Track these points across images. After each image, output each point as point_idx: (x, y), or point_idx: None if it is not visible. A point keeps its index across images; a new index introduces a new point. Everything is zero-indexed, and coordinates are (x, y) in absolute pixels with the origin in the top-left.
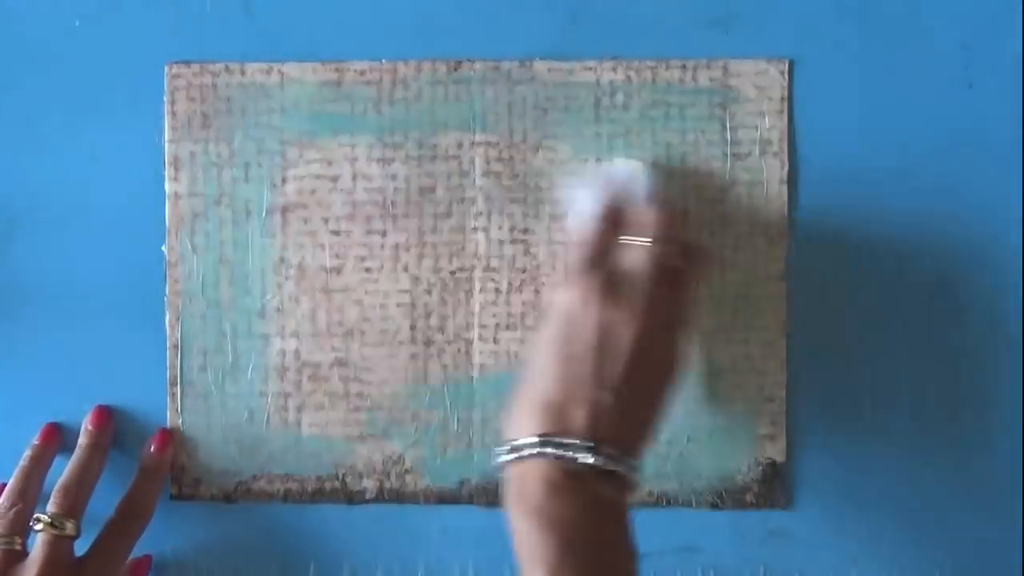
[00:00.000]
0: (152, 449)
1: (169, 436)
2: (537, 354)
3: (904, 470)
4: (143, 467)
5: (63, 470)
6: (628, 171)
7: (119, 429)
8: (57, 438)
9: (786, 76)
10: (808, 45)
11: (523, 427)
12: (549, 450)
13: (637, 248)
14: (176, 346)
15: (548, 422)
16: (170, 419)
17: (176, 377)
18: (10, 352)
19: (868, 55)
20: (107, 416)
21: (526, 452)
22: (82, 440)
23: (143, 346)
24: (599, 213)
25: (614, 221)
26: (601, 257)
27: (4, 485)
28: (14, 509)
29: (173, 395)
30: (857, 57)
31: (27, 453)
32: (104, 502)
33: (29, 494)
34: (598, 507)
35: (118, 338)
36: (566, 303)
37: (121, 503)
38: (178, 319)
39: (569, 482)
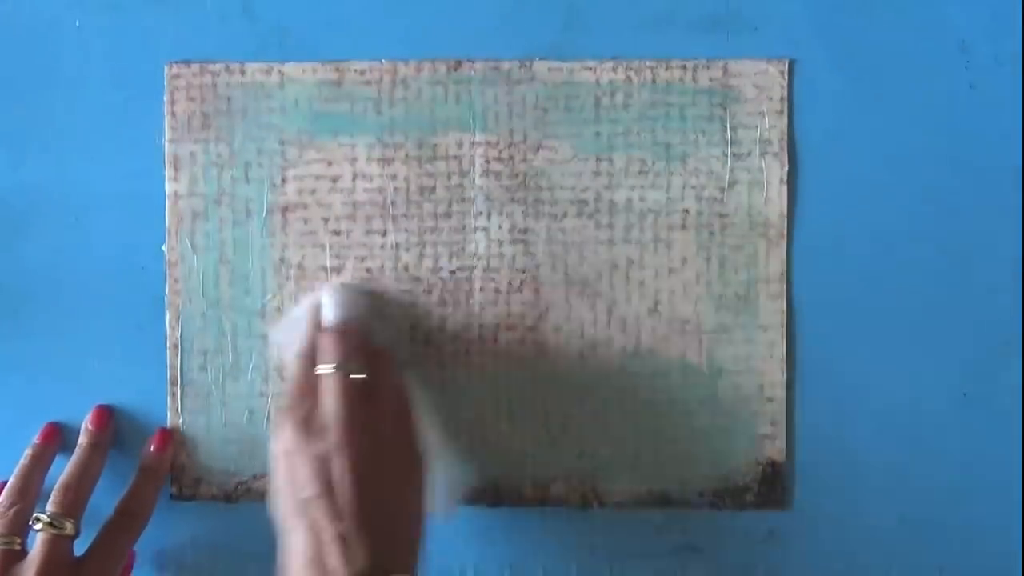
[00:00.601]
0: (151, 449)
1: (168, 436)
2: (279, 513)
3: (904, 470)
4: (142, 467)
5: (63, 469)
6: (317, 300)
7: (119, 429)
8: (57, 438)
9: (786, 76)
10: (808, 45)
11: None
12: None
13: (327, 376)
14: (176, 346)
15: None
16: (170, 419)
17: (176, 377)
18: (10, 351)
19: (868, 55)
20: (107, 415)
21: None
22: (82, 440)
23: (143, 346)
24: (298, 351)
25: (310, 355)
26: (303, 395)
27: (4, 484)
28: (14, 508)
29: (173, 395)
30: (857, 57)
31: (27, 452)
32: (104, 501)
33: (29, 494)
34: None
35: (118, 338)
36: (279, 451)
37: (120, 503)
38: (178, 319)
39: None
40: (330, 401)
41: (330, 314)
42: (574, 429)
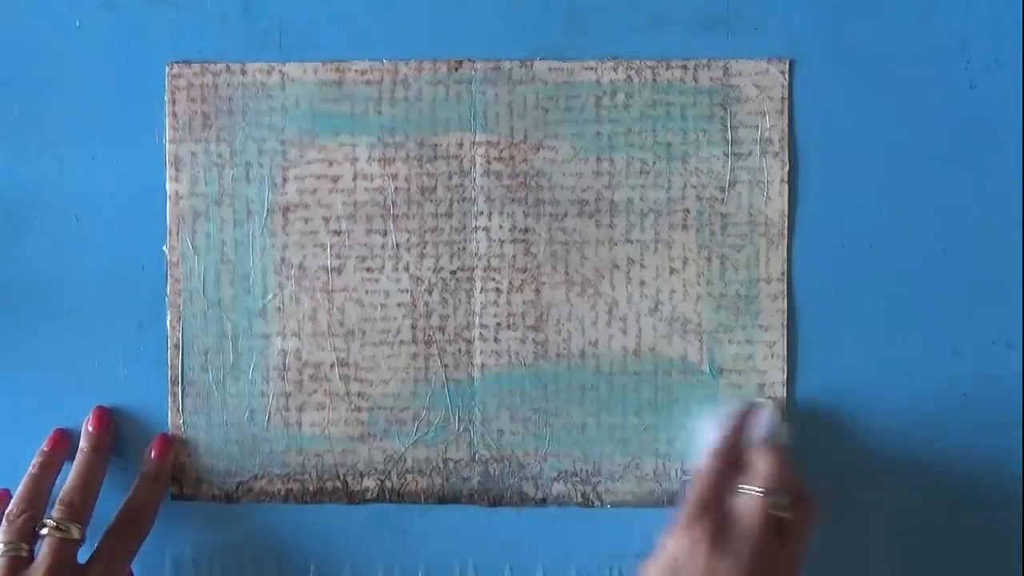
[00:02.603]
0: (152, 455)
1: (168, 442)
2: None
3: (904, 470)
4: (143, 473)
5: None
6: (755, 410)
7: (120, 429)
8: (66, 444)
9: (787, 76)
10: (808, 45)
11: None
12: None
13: (749, 496)
14: (177, 346)
15: None
16: (171, 419)
17: (177, 377)
18: (11, 351)
19: (868, 55)
20: (107, 417)
21: None
22: (83, 444)
23: (143, 346)
24: (717, 451)
25: (731, 461)
26: (714, 501)
27: (6, 491)
28: (23, 516)
29: (174, 395)
30: (857, 57)
31: (36, 460)
32: (106, 507)
33: (38, 501)
34: None
35: (119, 338)
36: (675, 548)
37: (122, 509)
38: (179, 319)
39: None
40: (747, 524)
41: (765, 428)
42: (574, 429)
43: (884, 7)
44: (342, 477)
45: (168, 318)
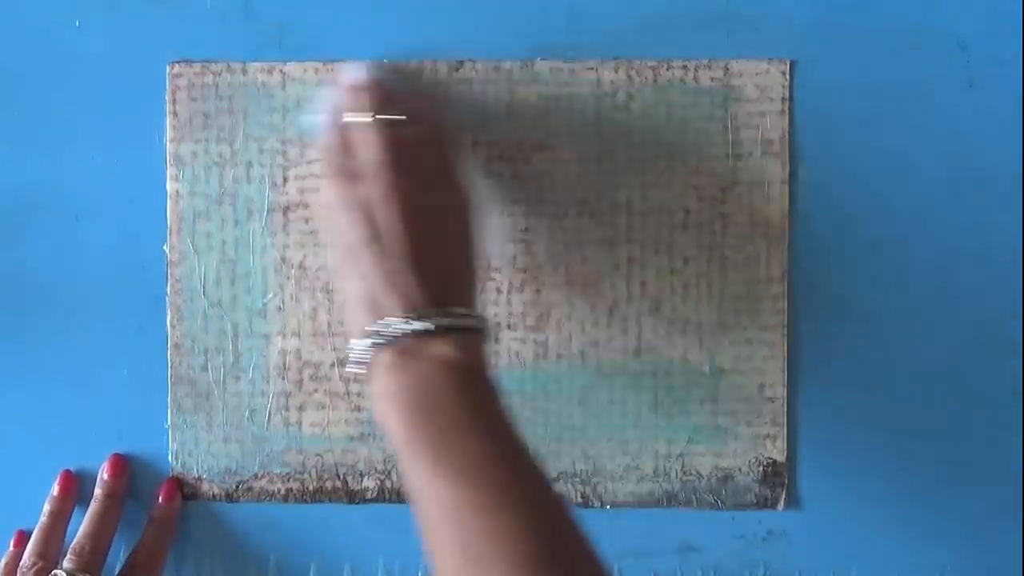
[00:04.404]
0: (160, 500)
1: (176, 485)
2: (337, 259)
3: (904, 470)
4: (152, 518)
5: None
6: (349, 73)
7: (120, 429)
8: (75, 487)
9: (787, 76)
10: (809, 45)
11: (355, 330)
12: (381, 339)
13: (363, 126)
14: (177, 345)
15: (371, 314)
16: (171, 418)
17: (177, 376)
18: (11, 350)
19: (868, 55)
20: (122, 465)
21: (367, 352)
22: (97, 490)
23: (143, 345)
24: (331, 113)
25: (341, 113)
26: (342, 147)
27: (20, 532)
28: (35, 568)
29: (174, 394)
30: (857, 57)
31: (46, 507)
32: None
33: (50, 552)
34: (440, 370)
35: (119, 337)
36: (331, 201)
37: (132, 554)
38: (179, 318)
39: (405, 358)
40: (368, 146)
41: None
42: (574, 429)
43: (884, 7)
44: (342, 477)
45: (168, 318)
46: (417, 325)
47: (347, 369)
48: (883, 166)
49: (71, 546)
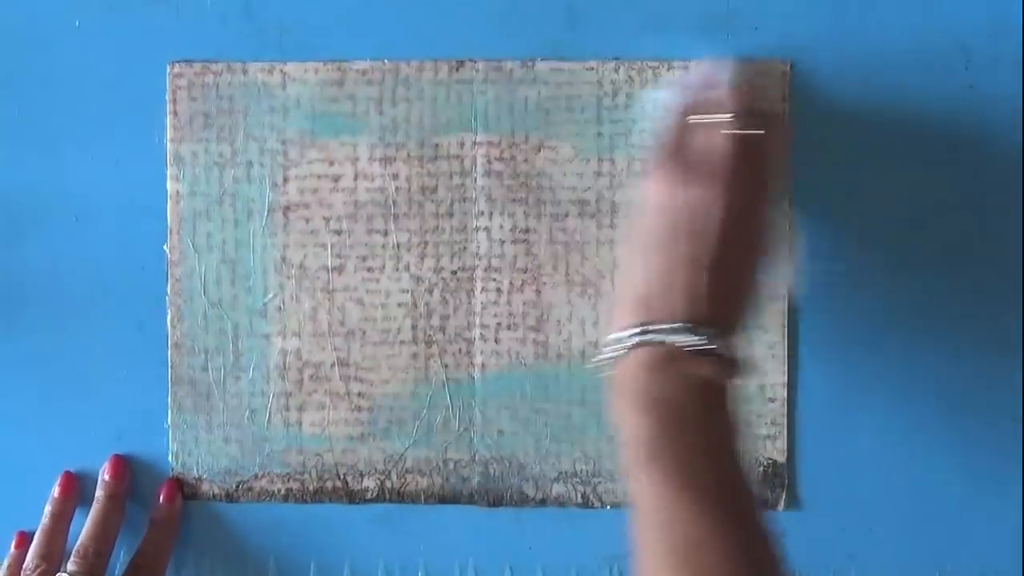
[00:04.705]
0: (161, 500)
1: (176, 485)
2: (629, 250)
3: (904, 470)
4: (153, 519)
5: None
6: (708, 69)
7: (121, 429)
8: (75, 488)
9: (787, 76)
10: (809, 45)
11: (623, 322)
12: (648, 337)
13: (714, 127)
14: (177, 345)
15: (645, 312)
16: (171, 418)
17: (177, 376)
18: (10, 350)
19: (868, 55)
20: (123, 466)
21: (627, 344)
22: (99, 492)
23: (144, 345)
24: (677, 107)
25: (691, 110)
26: (680, 145)
27: (21, 533)
28: (38, 571)
29: (174, 394)
30: (857, 57)
31: (47, 509)
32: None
33: (53, 554)
34: (697, 387)
35: (119, 337)
36: (650, 194)
37: (134, 556)
38: (179, 318)
39: (667, 364)
40: (716, 152)
41: (721, 80)
42: (574, 429)
43: (884, 7)
44: (342, 477)
45: (168, 318)
46: (693, 338)
47: (596, 358)
48: (883, 166)
49: (75, 548)
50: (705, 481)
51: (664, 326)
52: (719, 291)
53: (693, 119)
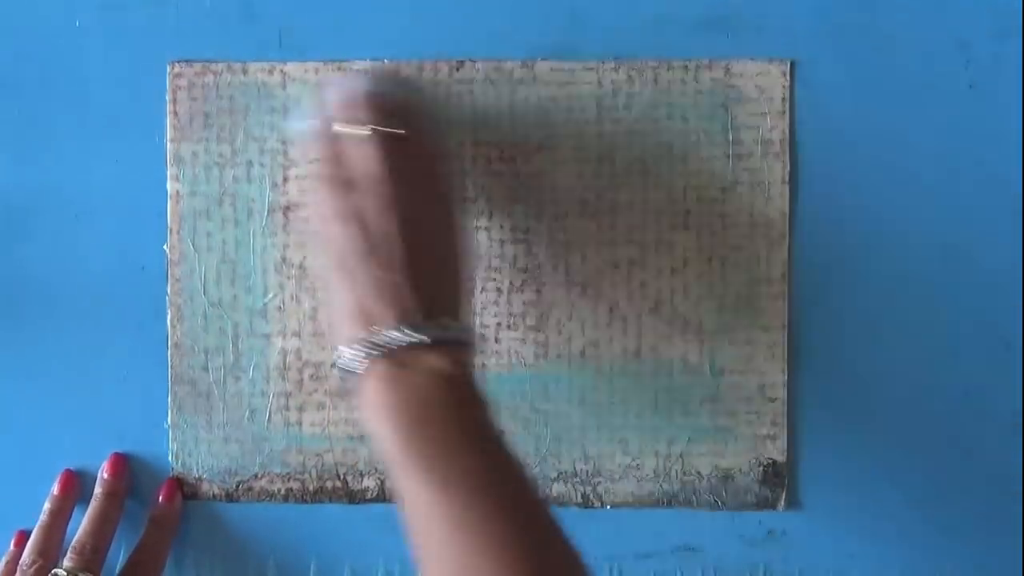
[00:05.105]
0: (160, 499)
1: (176, 485)
2: (325, 272)
3: (904, 470)
4: (152, 517)
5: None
6: (344, 82)
7: (121, 429)
8: (75, 486)
9: (788, 76)
10: (809, 45)
11: (345, 339)
12: (370, 351)
13: (356, 136)
14: (177, 345)
15: (362, 324)
16: (171, 418)
17: (177, 376)
18: (10, 350)
19: (868, 55)
20: (122, 464)
21: (352, 362)
22: (97, 489)
23: (143, 345)
24: (322, 124)
25: (333, 123)
26: (334, 158)
27: (21, 532)
28: (35, 567)
29: (174, 394)
30: (857, 57)
31: (46, 506)
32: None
33: (50, 550)
34: (434, 383)
35: (119, 337)
36: (323, 212)
37: (132, 554)
38: (179, 318)
39: (398, 370)
40: (365, 158)
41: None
42: (574, 429)
43: (884, 8)
44: (342, 477)
45: (168, 318)
46: (412, 337)
47: (334, 375)
48: (883, 166)
49: (71, 545)
50: (458, 474)
51: (384, 333)
52: (423, 284)
53: (336, 130)
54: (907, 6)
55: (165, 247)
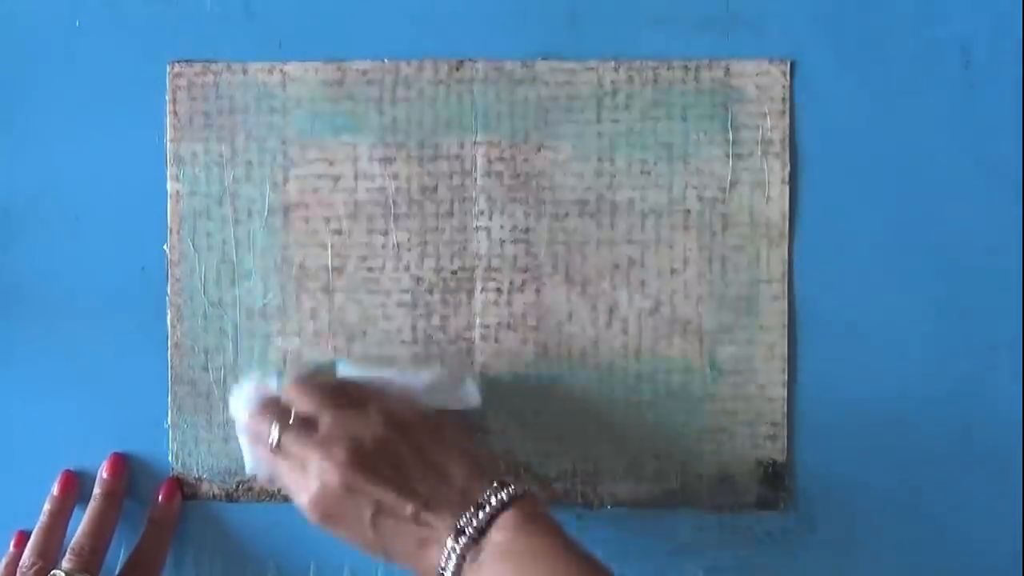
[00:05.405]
0: (160, 499)
1: (176, 485)
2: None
3: (904, 470)
4: (152, 518)
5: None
6: (259, 386)
7: (120, 429)
8: (75, 487)
9: (788, 76)
10: (809, 45)
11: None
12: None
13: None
14: (177, 345)
15: (429, 548)
16: (171, 418)
17: (177, 376)
18: (10, 351)
19: (868, 55)
20: (121, 464)
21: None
22: (97, 489)
23: (144, 345)
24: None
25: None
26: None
27: (21, 532)
28: (34, 568)
29: (174, 394)
30: (857, 57)
31: (46, 507)
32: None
33: (49, 551)
34: (527, 534)
35: (119, 337)
36: (333, 485)
37: (131, 554)
38: (180, 318)
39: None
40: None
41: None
42: (574, 429)
43: (884, 8)
44: None
45: (168, 317)
46: (494, 499)
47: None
48: (883, 166)
49: (70, 546)
50: None
51: (458, 537)
52: (441, 485)
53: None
54: (907, 6)
55: (165, 247)
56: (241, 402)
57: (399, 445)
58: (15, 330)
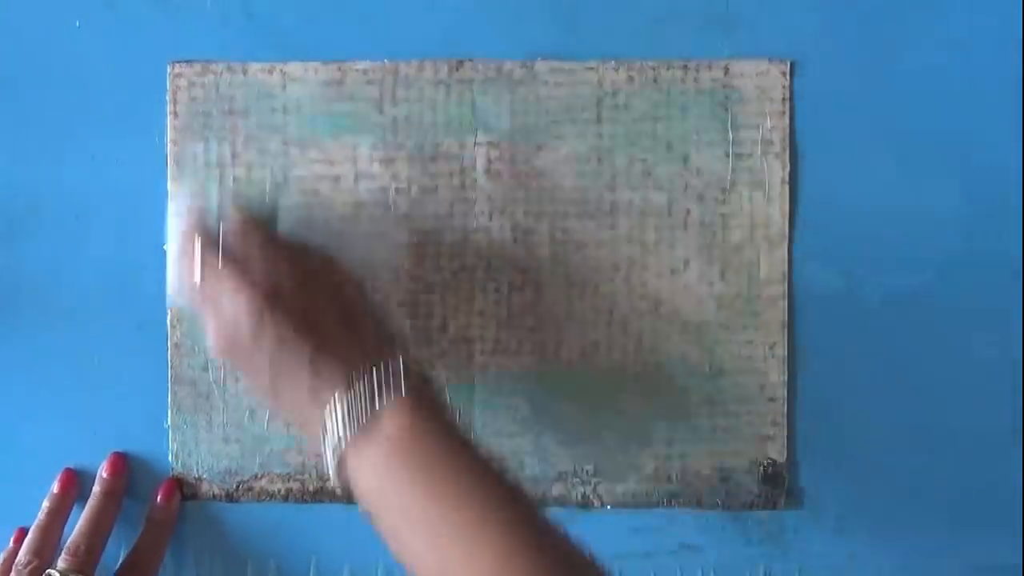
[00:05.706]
0: (159, 499)
1: (175, 485)
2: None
3: (904, 470)
4: (150, 518)
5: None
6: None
7: (121, 429)
8: (75, 486)
9: (787, 76)
10: (809, 45)
11: (314, 421)
12: (343, 416)
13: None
14: (177, 345)
15: (327, 395)
16: (171, 418)
17: (177, 376)
18: (10, 350)
19: (868, 55)
20: (121, 464)
21: (335, 457)
22: (96, 488)
23: (143, 345)
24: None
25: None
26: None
27: (20, 529)
28: (30, 567)
29: (174, 394)
30: (857, 57)
31: (45, 505)
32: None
33: (45, 550)
34: (408, 438)
35: (119, 337)
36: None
37: (129, 554)
38: (179, 318)
39: (370, 448)
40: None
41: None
42: (575, 429)
43: (884, 8)
44: None
45: (168, 318)
46: (366, 387)
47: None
48: (883, 166)
49: (66, 545)
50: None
51: (335, 400)
52: (346, 341)
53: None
54: (907, 6)
55: (165, 247)
56: (175, 218)
57: (317, 296)
58: (15, 329)
